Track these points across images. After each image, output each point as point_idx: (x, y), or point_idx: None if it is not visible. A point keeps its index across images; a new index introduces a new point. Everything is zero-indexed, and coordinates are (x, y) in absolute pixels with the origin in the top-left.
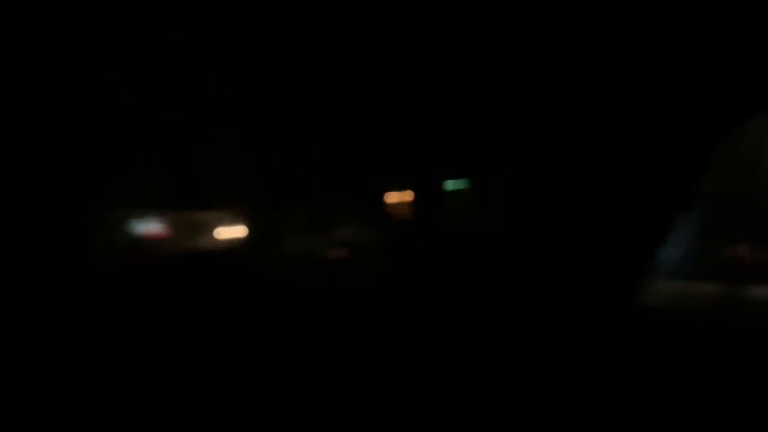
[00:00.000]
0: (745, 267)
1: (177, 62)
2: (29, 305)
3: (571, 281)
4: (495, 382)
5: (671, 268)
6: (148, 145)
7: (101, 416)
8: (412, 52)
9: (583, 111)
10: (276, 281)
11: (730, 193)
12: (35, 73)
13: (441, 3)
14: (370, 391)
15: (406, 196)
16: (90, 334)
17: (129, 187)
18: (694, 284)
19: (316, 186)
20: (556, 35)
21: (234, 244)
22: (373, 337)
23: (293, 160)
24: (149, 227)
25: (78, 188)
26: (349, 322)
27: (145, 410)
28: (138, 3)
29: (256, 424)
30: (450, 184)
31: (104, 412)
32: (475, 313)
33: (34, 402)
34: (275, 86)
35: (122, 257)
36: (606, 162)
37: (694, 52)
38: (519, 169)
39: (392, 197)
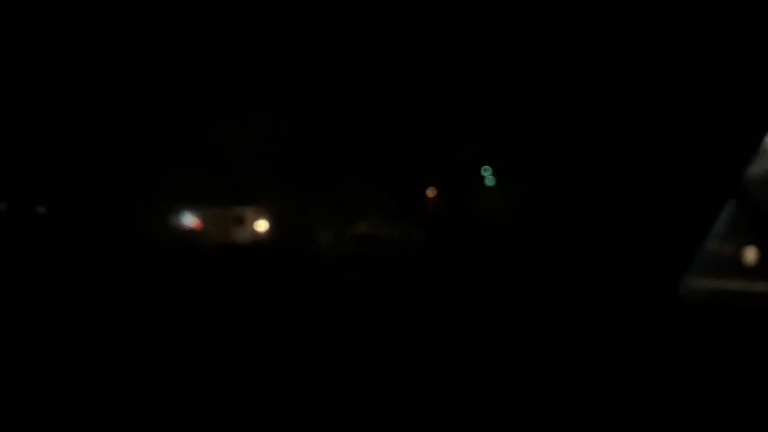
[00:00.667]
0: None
1: (177, 62)
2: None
3: (572, 280)
4: (495, 382)
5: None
6: (182, 147)
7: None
8: (414, 52)
9: (602, 106)
10: (295, 273)
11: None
12: (35, 73)
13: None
14: (370, 390)
15: (433, 191)
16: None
17: (170, 186)
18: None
19: (346, 182)
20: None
21: (263, 237)
22: (374, 336)
23: (320, 157)
24: (189, 221)
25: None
26: (351, 320)
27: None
28: (138, 3)
29: (255, 424)
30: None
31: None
32: (476, 312)
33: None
34: (291, 84)
35: (168, 246)
36: (622, 157)
37: (725, 37)
38: (531, 166)
39: (425, 192)
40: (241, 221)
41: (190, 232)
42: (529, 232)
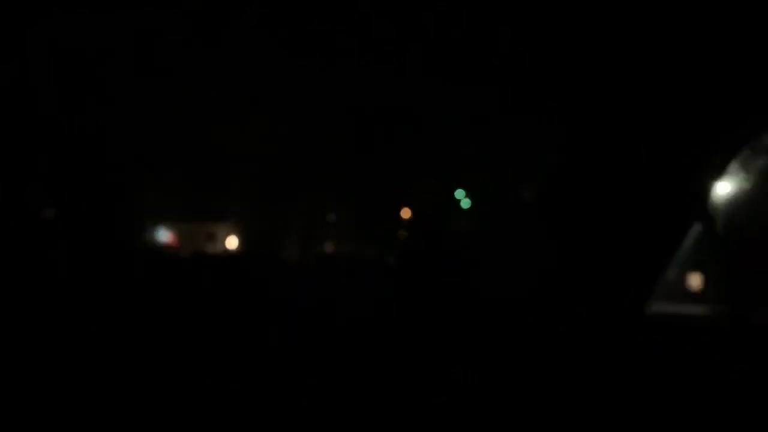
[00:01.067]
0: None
1: (177, 62)
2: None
3: (571, 282)
4: (495, 382)
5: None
6: (158, 156)
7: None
8: (412, 53)
9: (591, 114)
10: (275, 283)
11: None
12: (35, 73)
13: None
14: (370, 390)
15: (408, 211)
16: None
17: (146, 201)
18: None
19: (317, 201)
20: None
21: (234, 252)
22: (373, 338)
23: (295, 176)
24: (164, 236)
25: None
26: (349, 322)
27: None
28: (138, 3)
29: (256, 424)
30: (455, 194)
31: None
32: (476, 313)
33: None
34: (275, 88)
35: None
36: (612, 166)
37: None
38: (522, 172)
39: (401, 212)
40: (213, 237)
41: (166, 248)
42: (520, 237)
